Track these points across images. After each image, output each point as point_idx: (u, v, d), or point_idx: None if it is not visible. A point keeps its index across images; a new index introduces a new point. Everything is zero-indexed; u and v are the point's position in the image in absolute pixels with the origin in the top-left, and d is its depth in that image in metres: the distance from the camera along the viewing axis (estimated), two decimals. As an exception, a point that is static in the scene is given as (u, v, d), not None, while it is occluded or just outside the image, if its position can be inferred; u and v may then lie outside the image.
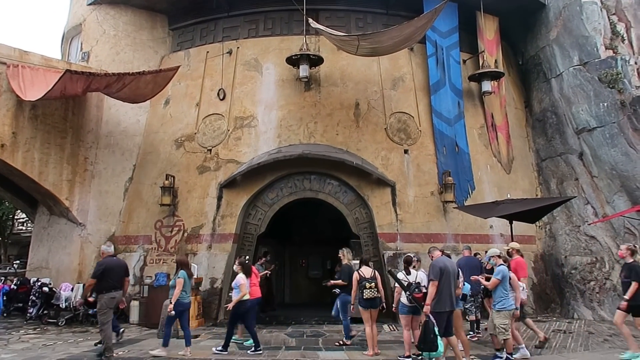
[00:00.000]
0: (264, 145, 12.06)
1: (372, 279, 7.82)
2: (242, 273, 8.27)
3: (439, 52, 12.91)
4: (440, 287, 6.59)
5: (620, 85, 12.38)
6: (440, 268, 6.64)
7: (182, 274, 7.91)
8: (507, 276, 7.17)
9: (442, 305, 6.59)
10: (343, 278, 8.61)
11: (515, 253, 8.47)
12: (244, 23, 13.18)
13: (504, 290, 7.13)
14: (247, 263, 8.74)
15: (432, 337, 6.29)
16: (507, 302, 7.10)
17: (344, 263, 8.84)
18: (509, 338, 7.04)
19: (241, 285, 8.05)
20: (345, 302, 8.52)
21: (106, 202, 12.73)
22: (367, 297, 7.72)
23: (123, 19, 13.95)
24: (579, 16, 13.21)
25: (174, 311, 7.70)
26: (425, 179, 12.01)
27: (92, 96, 12.77)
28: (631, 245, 7.79)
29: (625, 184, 11.98)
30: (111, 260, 7.77)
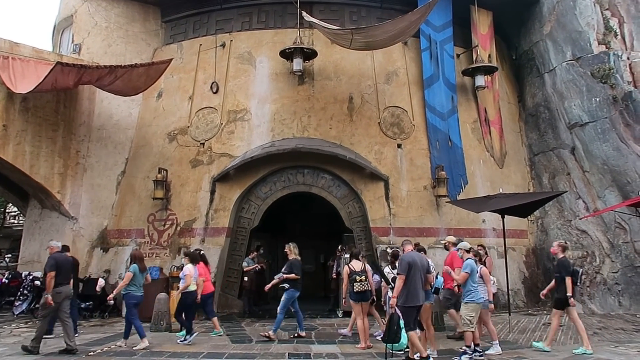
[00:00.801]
0: (257, 139, 12.03)
1: (362, 272, 7.89)
2: (190, 263, 8.44)
3: (433, 46, 12.90)
4: (408, 281, 6.60)
5: (612, 81, 12.46)
6: (408, 262, 6.67)
7: (133, 267, 7.99)
8: (475, 269, 7.16)
9: (410, 300, 6.60)
10: (297, 272, 8.49)
11: (452, 246, 8.65)
12: (237, 16, 13.10)
13: (472, 283, 7.09)
14: (193, 253, 8.87)
15: (395, 329, 6.40)
16: (475, 295, 7.07)
17: (292, 258, 8.70)
18: (472, 331, 7.00)
19: (186, 276, 8.21)
20: (290, 298, 8.46)
21: (98, 196, 12.67)
22: (357, 290, 7.79)
23: (115, 11, 13.82)
24: (572, 11, 13.25)
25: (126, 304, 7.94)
26: (418, 173, 12.03)
27: (84, 89, 12.67)
28: (562, 242, 8.03)
29: (616, 178, 12.08)
30: (60, 256, 7.82)
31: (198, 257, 8.76)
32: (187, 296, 8.31)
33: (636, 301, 11.45)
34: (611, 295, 11.80)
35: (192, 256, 8.66)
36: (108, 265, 12.02)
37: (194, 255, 8.71)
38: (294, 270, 8.52)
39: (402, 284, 6.62)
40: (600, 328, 9.72)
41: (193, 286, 8.31)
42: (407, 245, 7.20)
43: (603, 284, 11.90)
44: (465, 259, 7.33)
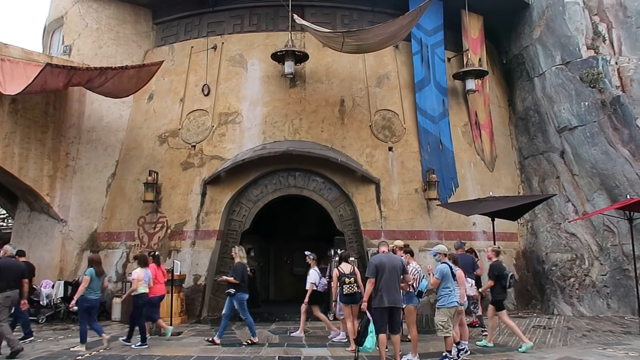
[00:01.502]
0: (248, 142, 12.01)
1: (351, 275, 7.92)
2: (138, 266, 8.51)
3: (424, 50, 12.97)
4: (378, 284, 6.62)
5: (601, 85, 12.59)
6: (375, 265, 6.69)
7: (90, 271, 8.02)
8: (449, 274, 7.12)
9: (380, 302, 6.60)
10: (236, 277, 8.40)
11: (398, 250, 8.66)
12: (229, 18, 13.08)
13: (444, 287, 7.10)
14: (142, 256, 8.87)
15: (362, 332, 6.48)
16: (446, 300, 7.05)
17: (237, 262, 8.65)
18: (450, 336, 7.02)
19: (134, 280, 8.29)
20: (242, 301, 8.43)
21: (88, 198, 12.59)
22: (347, 293, 7.84)
23: (106, 13, 13.76)
24: (561, 16, 13.38)
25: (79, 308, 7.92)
26: (409, 177, 12.08)
27: (74, 91, 12.59)
28: (496, 247, 8.56)
29: (605, 182, 12.20)
30: (8, 260, 7.79)
31: (147, 260, 8.76)
32: (136, 299, 8.32)
33: (624, 303, 11.55)
34: (600, 297, 11.90)
35: (141, 259, 8.69)
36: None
37: (143, 259, 8.72)
38: (235, 274, 8.42)
39: (372, 287, 6.67)
40: (589, 330, 9.80)
41: (142, 289, 8.34)
42: (382, 247, 7.16)
43: (592, 287, 11.99)
44: (441, 263, 7.28)
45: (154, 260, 8.98)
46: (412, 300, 7.47)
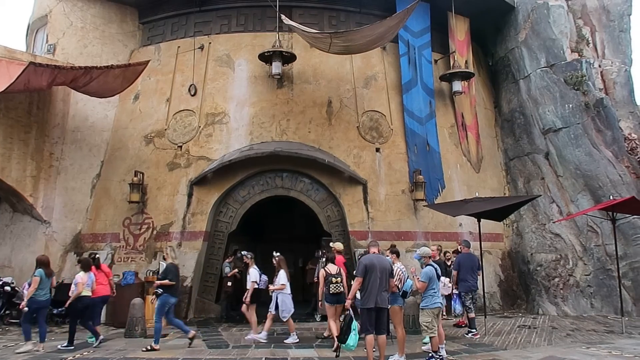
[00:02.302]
0: (235, 142, 11.96)
1: (337, 275, 8.09)
2: (82, 270, 8.48)
3: (411, 51, 13.03)
4: (366, 283, 6.64)
5: (584, 87, 12.78)
6: (365, 265, 6.71)
7: (39, 272, 7.99)
8: (434, 276, 7.15)
9: (367, 302, 6.62)
10: (169, 277, 8.19)
11: (337, 253, 9.03)
12: (216, 18, 13.02)
13: (429, 289, 7.12)
14: (86, 260, 8.85)
15: (345, 330, 6.52)
16: (429, 301, 7.11)
17: (169, 262, 8.48)
18: (434, 336, 7.04)
19: (78, 284, 8.26)
20: (164, 304, 8.18)
21: (72, 199, 12.42)
22: (333, 292, 8.01)
23: (91, 11, 13.60)
24: (546, 19, 13.55)
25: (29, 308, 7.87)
26: (396, 177, 12.12)
27: (58, 90, 12.43)
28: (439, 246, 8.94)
29: (588, 183, 12.37)
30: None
31: (91, 264, 8.72)
32: (76, 302, 8.26)
33: (607, 303, 11.72)
34: (584, 297, 12.05)
35: (84, 263, 8.68)
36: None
37: (86, 262, 8.70)
38: (168, 275, 8.21)
39: (359, 286, 6.69)
40: (573, 330, 9.92)
41: (86, 292, 8.32)
42: (373, 248, 7.14)
43: (576, 287, 12.14)
44: (426, 266, 7.28)
45: (93, 263, 8.87)
46: (397, 300, 7.49)
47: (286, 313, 8.68)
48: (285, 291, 8.74)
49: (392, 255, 7.93)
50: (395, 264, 7.71)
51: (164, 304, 8.19)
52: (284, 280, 8.74)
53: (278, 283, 8.76)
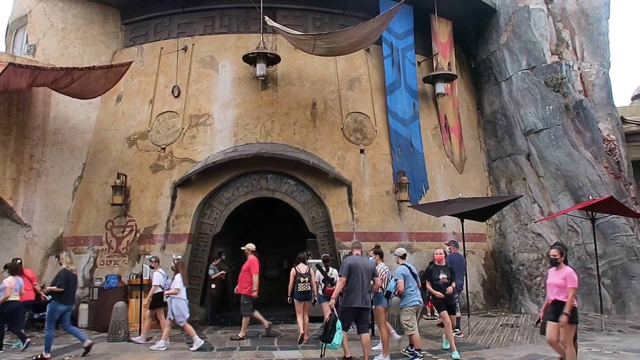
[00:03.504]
0: (219, 144, 11.91)
1: (306, 275, 8.80)
2: (9, 274, 8.40)
3: (395, 53, 13.12)
4: (349, 283, 6.78)
5: (564, 89, 13.00)
6: (349, 265, 6.86)
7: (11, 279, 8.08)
8: (409, 274, 7.37)
9: (349, 301, 6.77)
10: (58, 284, 7.86)
11: (250, 253, 9.28)
12: (199, 19, 12.95)
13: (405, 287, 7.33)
14: (14, 264, 8.79)
15: (330, 329, 6.65)
16: (408, 299, 7.31)
17: (62, 267, 8.19)
18: (415, 333, 7.23)
19: (6, 289, 8.18)
20: (52, 311, 7.85)
21: (54, 202, 12.24)
22: (301, 290, 8.71)
23: (72, 12, 13.42)
24: (527, 22, 13.76)
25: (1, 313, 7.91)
26: (380, 179, 12.19)
27: (39, 91, 12.24)
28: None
29: (568, 183, 12.59)
30: None
31: (19, 268, 8.65)
32: (4, 306, 8.15)
33: (587, 301, 11.92)
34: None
35: (12, 267, 8.59)
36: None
37: (14, 267, 8.62)
38: (57, 282, 7.91)
39: (343, 285, 6.84)
40: (554, 328, 10.05)
41: (14, 296, 8.25)
42: (356, 250, 7.24)
43: (557, 285, 12.31)
44: (400, 265, 7.53)
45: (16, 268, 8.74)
46: (381, 301, 7.60)
47: (181, 318, 8.49)
48: (180, 296, 8.56)
49: (376, 256, 8.00)
50: (379, 265, 7.77)
51: (53, 312, 7.84)
52: (178, 285, 8.56)
53: (172, 287, 8.60)
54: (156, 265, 9.18)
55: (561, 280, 5.99)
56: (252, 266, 9.28)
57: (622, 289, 11.80)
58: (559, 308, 5.94)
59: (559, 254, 6.16)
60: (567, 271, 6.05)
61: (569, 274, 5.99)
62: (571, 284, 5.91)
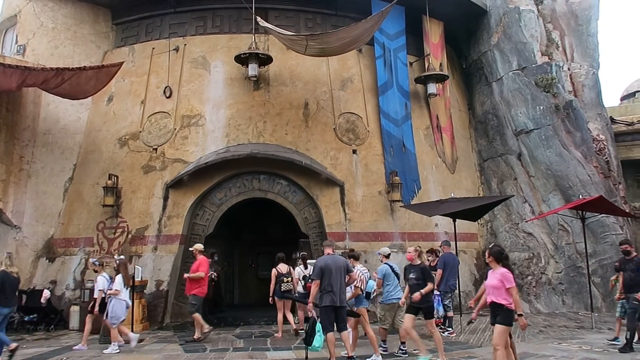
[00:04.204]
0: (212, 145, 11.88)
1: (287, 274, 9.33)
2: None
3: (387, 54, 13.16)
4: (323, 284, 6.90)
5: (554, 90, 13.11)
6: (320, 267, 6.97)
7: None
8: (389, 273, 7.65)
9: (325, 301, 6.87)
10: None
11: (199, 254, 9.28)
12: (191, 20, 12.92)
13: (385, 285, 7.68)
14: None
15: (310, 332, 6.71)
16: (386, 297, 7.67)
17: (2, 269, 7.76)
18: (385, 328, 7.68)
19: None
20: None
21: (44, 203, 12.15)
22: (283, 290, 9.18)
23: (62, 12, 13.33)
24: (517, 23, 13.86)
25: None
26: (373, 179, 12.22)
27: (29, 92, 12.15)
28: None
29: (559, 183, 12.69)
30: None
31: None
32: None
33: (578, 300, 12.04)
34: (555, 294, 12.36)
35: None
36: (54, 276, 11.54)
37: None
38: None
39: (317, 288, 6.96)
40: (545, 326, 10.16)
41: None
42: (327, 249, 7.32)
43: (548, 284, 12.44)
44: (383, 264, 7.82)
45: None
46: (362, 302, 7.84)
47: (115, 320, 8.35)
48: (120, 297, 8.44)
49: (351, 260, 8.05)
50: (356, 267, 7.90)
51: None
52: (118, 286, 8.46)
53: (113, 288, 8.50)
54: (100, 270, 8.91)
55: (497, 281, 5.76)
56: (201, 266, 9.18)
57: None
58: (495, 310, 5.76)
59: (493, 259, 5.90)
60: (501, 272, 5.80)
61: (503, 275, 5.76)
62: (509, 283, 5.70)
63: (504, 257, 5.96)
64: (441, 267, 9.54)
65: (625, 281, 8.02)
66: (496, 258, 5.91)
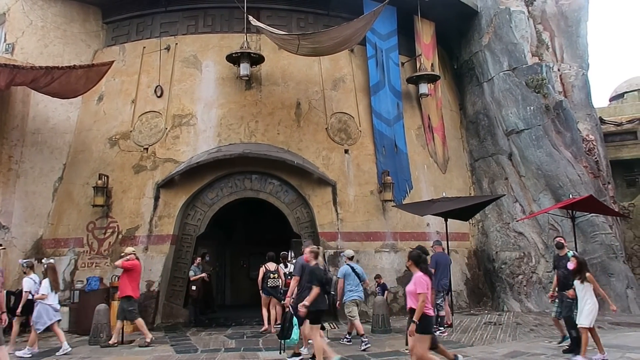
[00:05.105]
0: (203, 144, 11.82)
1: (275, 272, 9.70)
2: None
3: (379, 54, 13.18)
4: (302, 282, 7.27)
5: (545, 90, 13.21)
6: (301, 265, 7.41)
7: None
8: (350, 273, 8.46)
9: (303, 298, 6.99)
10: None
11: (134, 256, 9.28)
12: (182, 19, 12.85)
13: (347, 284, 8.46)
14: None
15: (287, 326, 7.01)
16: (349, 295, 8.44)
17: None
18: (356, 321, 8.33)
19: None
20: None
21: (33, 204, 12.01)
22: (270, 286, 9.59)
23: (52, 10, 13.20)
24: (508, 24, 13.95)
25: None
26: (365, 179, 12.23)
27: (17, 90, 12.01)
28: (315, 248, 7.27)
29: (549, 182, 12.79)
30: None
31: None
32: None
33: (568, 298, 12.10)
34: (546, 293, 12.35)
35: None
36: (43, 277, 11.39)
37: None
38: None
39: (296, 284, 7.44)
40: (536, 325, 10.22)
41: None
42: (306, 248, 7.54)
43: (538, 283, 12.51)
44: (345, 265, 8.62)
45: None
46: None
47: (39, 325, 8.22)
48: (46, 301, 8.29)
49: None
50: None
51: None
52: (44, 290, 8.31)
53: (40, 292, 8.35)
54: (28, 271, 8.75)
55: (412, 286, 5.62)
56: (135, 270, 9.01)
57: (602, 287, 11.72)
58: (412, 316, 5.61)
59: (412, 263, 5.77)
60: (416, 276, 5.65)
61: (417, 279, 5.60)
62: (420, 289, 5.50)
63: (422, 261, 5.76)
64: (433, 266, 9.54)
65: (559, 279, 7.81)
66: (415, 262, 5.75)
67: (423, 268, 5.73)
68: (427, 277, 5.66)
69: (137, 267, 9.09)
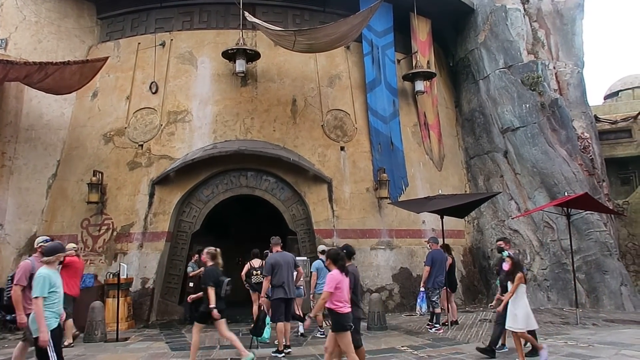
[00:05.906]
0: (198, 141, 11.77)
1: (259, 268, 9.53)
2: None
3: (375, 51, 13.16)
4: (273, 279, 7.56)
5: (540, 88, 13.24)
6: (271, 264, 7.65)
7: None
8: (322, 268, 8.32)
9: (277, 294, 7.53)
10: None
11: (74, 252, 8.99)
12: (178, 15, 12.78)
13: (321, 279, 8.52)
14: None
15: (260, 324, 7.33)
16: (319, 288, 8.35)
17: None
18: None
19: None
20: None
21: (27, 200, 11.93)
22: (255, 282, 9.47)
23: (46, 5, 13.08)
24: (504, 22, 13.96)
25: None
26: (361, 176, 12.22)
27: (11, 86, 11.91)
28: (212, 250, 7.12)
29: (544, 180, 12.82)
30: None
31: None
32: None
33: (563, 296, 12.17)
34: (541, 290, 12.48)
35: None
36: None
37: None
38: None
39: (268, 283, 7.64)
40: (531, 322, 10.22)
41: None
42: (276, 247, 8.08)
43: (533, 281, 12.56)
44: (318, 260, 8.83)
45: None
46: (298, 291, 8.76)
47: None
48: None
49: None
50: None
51: None
52: None
53: None
54: None
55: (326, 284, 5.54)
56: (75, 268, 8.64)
57: (596, 284, 12.09)
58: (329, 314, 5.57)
59: (330, 261, 5.66)
60: (328, 274, 5.57)
61: (328, 277, 5.52)
62: (326, 287, 5.45)
63: (340, 259, 5.63)
64: (429, 263, 9.55)
65: (501, 282, 7.58)
66: (333, 260, 5.63)
67: (340, 266, 5.59)
68: (342, 276, 5.50)
69: (75, 263, 8.58)
